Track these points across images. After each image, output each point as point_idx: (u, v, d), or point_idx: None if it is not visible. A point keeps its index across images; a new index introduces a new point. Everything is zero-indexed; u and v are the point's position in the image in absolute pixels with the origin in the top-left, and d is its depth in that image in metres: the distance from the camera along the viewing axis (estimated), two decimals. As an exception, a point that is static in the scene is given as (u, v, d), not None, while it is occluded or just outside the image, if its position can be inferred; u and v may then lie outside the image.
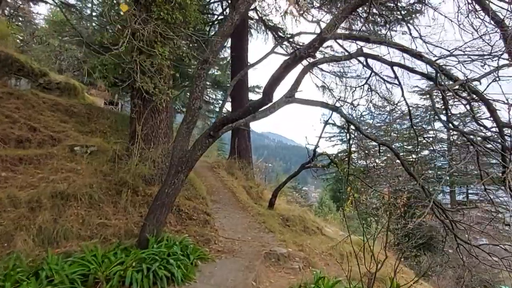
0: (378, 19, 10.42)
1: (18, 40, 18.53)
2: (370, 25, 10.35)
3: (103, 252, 4.89)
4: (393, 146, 6.62)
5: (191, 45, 10.30)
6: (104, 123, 9.44)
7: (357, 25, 10.64)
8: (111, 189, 6.65)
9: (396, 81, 6.05)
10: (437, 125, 28.26)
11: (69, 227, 5.53)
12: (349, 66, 11.43)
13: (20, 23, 20.56)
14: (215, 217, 7.72)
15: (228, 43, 17.50)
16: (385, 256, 10.37)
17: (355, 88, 6.96)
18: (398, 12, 9.84)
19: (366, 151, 9.12)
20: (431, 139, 28.37)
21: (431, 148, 27.78)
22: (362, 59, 6.18)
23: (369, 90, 7.05)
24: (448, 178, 27.68)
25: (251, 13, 16.09)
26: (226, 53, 18.21)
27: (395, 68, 6.10)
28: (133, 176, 6.71)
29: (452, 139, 28.57)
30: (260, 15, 14.52)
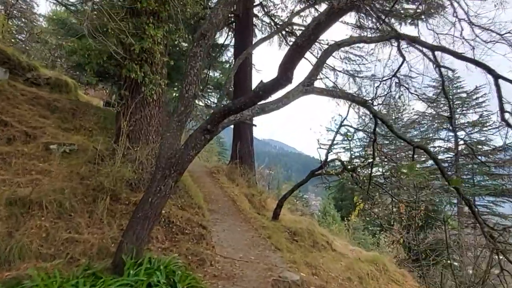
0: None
1: (12, 35, 17.54)
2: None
3: (62, 280, 3.66)
4: (432, 151, 5.44)
5: (190, 36, 9.17)
6: (91, 120, 8.24)
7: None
8: (88, 196, 5.42)
9: (436, 71, 4.89)
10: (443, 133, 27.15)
11: (27, 243, 4.30)
12: (364, 63, 10.31)
13: (22, 24, 19.61)
14: (212, 230, 6.47)
15: (232, 42, 16.47)
16: (402, 275, 8.95)
17: (381, 81, 5.81)
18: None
19: (387, 157, 7.95)
20: (437, 148, 27.19)
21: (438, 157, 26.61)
22: (395, 43, 5.00)
23: (397, 84, 5.89)
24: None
25: (256, 11, 15.05)
26: (230, 52, 17.08)
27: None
28: (114, 180, 5.49)
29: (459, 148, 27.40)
30: (266, 10, 13.42)
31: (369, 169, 8.32)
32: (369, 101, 4.62)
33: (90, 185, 5.57)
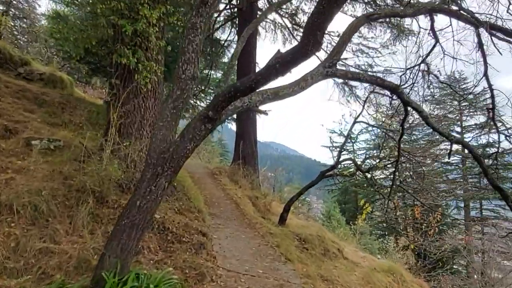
0: None
1: (15, 35, 16.90)
2: None
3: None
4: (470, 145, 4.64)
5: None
6: (82, 115, 7.47)
7: None
8: (70, 198, 4.63)
9: (479, 54, 4.10)
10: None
11: (-9, 255, 3.53)
12: (378, 56, 9.51)
13: (24, 25, 18.92)
14: (213, 238, 5.67)
15: (235, 38, 15.71)
16: (420, 286, 8.06)
17: (407, 69, 4.99)
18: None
19: (412, 156, 7.13)
20: (444, 151, 26.32)
21: (443, 160, 25.70)
22: (426, 21, 4.22)
23: (425, 73, 5.09)
24: (462, 192, 25.51)
25: (260, 5, 14.30)
26: (233, 49, 16.30)
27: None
28: (100, 180, 4.70)
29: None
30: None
31: (384, 170, 7.52)
32: (401, 87, 3.83)
33: (74, 186, 4.78)
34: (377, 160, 7.19)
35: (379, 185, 7.19)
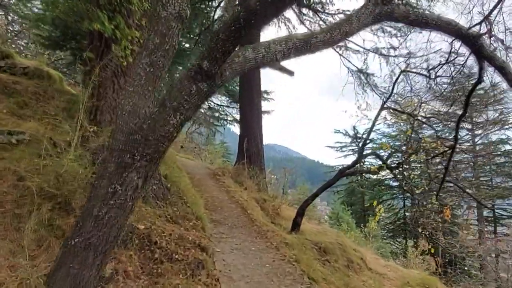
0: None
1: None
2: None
3: None
4: None
5: None
6: (59, 105, 6.24)
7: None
8: (22, 205, 3.39)
9: None
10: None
11: None
12: (402, 35, 8.20)
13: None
14: (216, 252, 4.41)
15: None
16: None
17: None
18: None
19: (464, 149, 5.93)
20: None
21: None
22: None
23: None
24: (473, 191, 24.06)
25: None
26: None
27: None
28: (62, 181, 3.46)
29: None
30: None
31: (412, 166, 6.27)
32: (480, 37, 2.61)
33: (30, 189, 3.55)
34: (408, 154, 5.92)
35: (409, 184, 5.91)
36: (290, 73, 7.84)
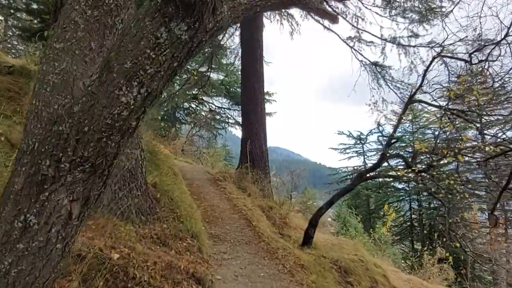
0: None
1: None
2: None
3: None
4: None
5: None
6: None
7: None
8: None
9: None
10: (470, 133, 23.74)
11: None
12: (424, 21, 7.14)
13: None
14: (216, 280, 3.44)
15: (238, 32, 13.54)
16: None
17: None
18: None
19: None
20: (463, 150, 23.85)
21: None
22: None
23: None
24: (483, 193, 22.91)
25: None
26: (235, 41, 14.13)
27: None
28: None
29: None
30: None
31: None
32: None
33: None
34: (441, 154, 4.96)
35: (443, 190, 4.93)
36: (333, 18, 6.85)
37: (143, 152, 3.80)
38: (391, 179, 25.43)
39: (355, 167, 29.46)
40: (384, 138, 5.22)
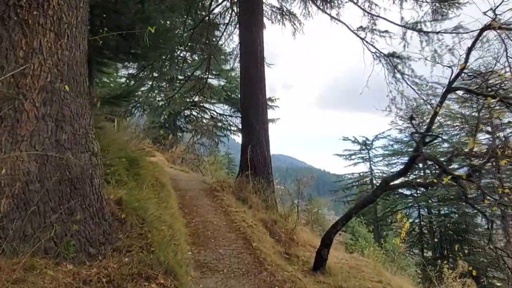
0: None
1: None
2: None
3: None
4: None
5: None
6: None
7: None
8: None
9: None
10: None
11: None
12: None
13: None
14: None
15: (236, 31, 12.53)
16: None
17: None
18: None
19: None
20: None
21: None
22: None
23: None
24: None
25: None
26: (235, 42, 13.08)
27: None
28: None
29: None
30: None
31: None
32: None
33: None
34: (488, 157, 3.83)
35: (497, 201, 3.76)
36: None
37: (97, 157, 2.70)
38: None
39: (361, 173, 28.10)
40: (416, 135, 4.05)
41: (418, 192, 23.54)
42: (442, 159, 5.81)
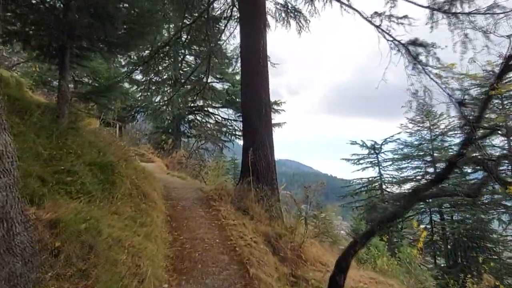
0: None
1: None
2: None
3: None
4: None
5: None
6: None
7: None
8: None
9: None
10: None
11: None
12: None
13: None
14: None
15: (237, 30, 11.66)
16: None
17: None
18: None
19: None
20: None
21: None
22: None
23: None
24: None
25: None
26: (236, 40, 12.17)
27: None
28: None
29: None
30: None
31: None
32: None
33: None
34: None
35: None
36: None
37: (3, 159, 1.77)
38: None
39: (370, 178, 26.76)
40: (467, 127, 3.04)
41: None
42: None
